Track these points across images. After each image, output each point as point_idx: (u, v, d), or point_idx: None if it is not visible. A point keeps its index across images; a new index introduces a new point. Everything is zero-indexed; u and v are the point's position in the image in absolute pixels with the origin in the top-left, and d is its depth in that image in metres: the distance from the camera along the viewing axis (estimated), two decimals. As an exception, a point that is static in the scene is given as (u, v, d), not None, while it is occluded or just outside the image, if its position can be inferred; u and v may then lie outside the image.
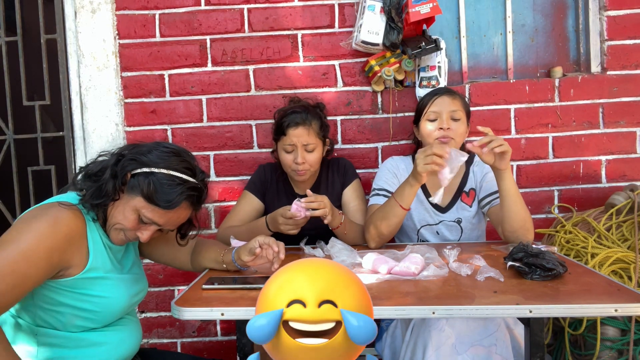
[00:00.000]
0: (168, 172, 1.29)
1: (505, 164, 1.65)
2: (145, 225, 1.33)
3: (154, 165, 1.29)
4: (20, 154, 2.40)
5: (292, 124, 1.89)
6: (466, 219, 1.95)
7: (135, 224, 1.31)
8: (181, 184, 1.30)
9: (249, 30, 2.37)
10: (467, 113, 1.94)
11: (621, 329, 1.87)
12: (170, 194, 1.28)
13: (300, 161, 1.90)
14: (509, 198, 1.69)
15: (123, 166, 1.29)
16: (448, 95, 1.90)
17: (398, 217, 1.77)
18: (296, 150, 1.91)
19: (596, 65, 2.37)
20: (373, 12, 2.22)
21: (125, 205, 1.30)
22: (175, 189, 1.29)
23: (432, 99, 1.91)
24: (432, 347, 1.52)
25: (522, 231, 1.71)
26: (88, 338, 1.31)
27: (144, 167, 1.29)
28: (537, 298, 1.24)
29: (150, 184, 1.27)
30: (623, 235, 2.05)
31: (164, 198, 1.28)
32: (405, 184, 1.75)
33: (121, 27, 2.36)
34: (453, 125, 1.86)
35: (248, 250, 1.49)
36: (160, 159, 1.30)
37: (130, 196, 1.29)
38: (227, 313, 1.23)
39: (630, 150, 2.35)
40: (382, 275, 1.47)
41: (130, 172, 1.29)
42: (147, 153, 1.31)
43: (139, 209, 1.29)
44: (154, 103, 2.38)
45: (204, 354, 2.46)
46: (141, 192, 1.28)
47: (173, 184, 1.29)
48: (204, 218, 2.42)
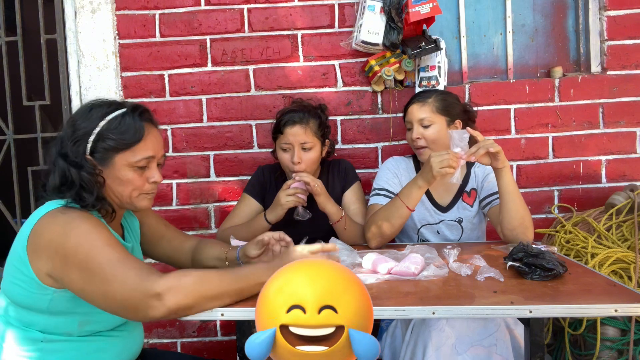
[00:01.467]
0: (106, 120, 1.26)
1: (501, 163, 1.68)
2: (148, 169, 1.31)
3: (93, 127, 1.25)
4: (20, 154, 2.40)
5: (289, 122, 1.90)
6: (467, 219, 1.95)
7: (139, 176, 1.29)
8: (124, 115, 1.27)
9: (249, 30, 2.37)
10: (446, 111, 1.89)
11: (621, 329, 1.87)
12: (129, 127, 1.26)
13: (297, 160, 1.90)
14: (507, 195, 1.70)
15: (76, 155, 1.24)
16: (417, 103, 1.91)
17: (403, 217, 1.78)
18: (293, 149, 1.91)
19: (596, 65, 2.37)
20: (373, 12, 2.22)
21: (116, 175, 1.27)
22: (127, 121, 1.26)
23: (406, 108, 1.95)
24: (432, 348, 1.52)
25: (520, 229, 1.71)
26: (94, 345, 1.29)
27: (89, 138, 1.25)
28: (537, 298, 1.24)
29: (110, 139, 1.24)
30: (623, 235, 2.05)
31: (130, 135, 1.25)
32: (413, 185, 1.76)
33: (121, 27, 2.36)
34: (425, 132, 1.87)
35: (256, 243, 1.50)
36: (89, 119, 1.26)
37: (110, 164, 1.27)
38: (227, 313, 1.23)
39: (630, 150, 2.35)
40: (382, 275, 1.47)
41: (86, 153, 1.25)
42: (77, 129, 1.26)
43: (128, 163, 1.27)
44: (154, 103, 2.38)
45: (204, 354, 2.46)
46: (113, 151, 1.25)
47: (121, 121, 1.26)
48: (203, 218, 2.42)
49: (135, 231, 1.51)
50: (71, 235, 1.17)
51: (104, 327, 1.30)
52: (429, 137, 1.87)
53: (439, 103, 1.89)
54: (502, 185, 1.71)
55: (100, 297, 1.16)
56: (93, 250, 1.16)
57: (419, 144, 1.89)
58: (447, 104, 1.90)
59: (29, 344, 1.24)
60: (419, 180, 1.74)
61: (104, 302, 1.17)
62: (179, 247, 1.62)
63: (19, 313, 1.24)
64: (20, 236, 1.23)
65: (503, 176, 1.70)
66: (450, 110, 1.90)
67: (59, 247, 1.16)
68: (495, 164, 1.69)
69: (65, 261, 1.16)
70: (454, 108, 1.91)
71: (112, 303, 1.16)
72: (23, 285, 1.21)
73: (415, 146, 1.91)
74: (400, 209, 1.77)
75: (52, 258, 1.17)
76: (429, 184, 1.73)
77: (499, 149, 1.66)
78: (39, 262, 1.18)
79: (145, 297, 1.13)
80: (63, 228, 1.18)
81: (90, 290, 1.16)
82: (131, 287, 1.14)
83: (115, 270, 1.15)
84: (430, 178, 1.70)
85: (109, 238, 1.20)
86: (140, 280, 1.14)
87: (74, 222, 1.19)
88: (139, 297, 1.14)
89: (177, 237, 1.64)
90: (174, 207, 2.42)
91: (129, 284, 1.14)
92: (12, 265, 1.24)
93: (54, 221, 1.20)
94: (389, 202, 1.83)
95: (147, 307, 1.14)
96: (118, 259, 1.16)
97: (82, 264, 1.15)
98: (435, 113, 1.87)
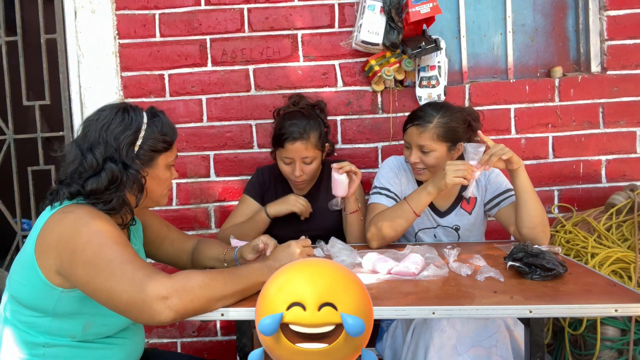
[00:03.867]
0: (147, 123, 1.31)
1: (515, 164, 1.67)
2: (172, 167, 1.40)
3: (138, 131, 1.29)
4: (20, 154, 2.40)
5: (290, 138, 1.86)
6: (464, 226, 1.93)
7: (170, 174, 1.39)
8: (160, 117, 1.34)
9: (249, 30, 2.37)
10: (448, 138, 1.80)
11: (621, 329, 1.87)
12: (168, 128, 1.34)
13: (298, 174, 1.91)
14: (525, 194, 1.69)
15: (128, 157, 1.26)
16: (417, 128, 1.79)
17: (409, 222, 1.77)
18: (294, 163, 1.91)
19: (596, 65, 2.37)
20: (373, 12, 2.22)
21: (157, 174, 1.33)
22: (165, 122, 1.34)
23: (406, 127, 1.86)
24: (434, 349, 1.52)
25: (541, 227, 1.69)
26: (96, 352, 1.28)
27: (137, 142, 1.28)
28: (537, 298, 1.24)
29: (156, 140, 1.30)
30: (623, 235, 2.05)
31: (170, 135, 1.34)
32: (423, 191, 1.74)
33: (121, 27, 2.36)
34: (424, 157, 1.82)
35: (251, 247, 1.50)
36: (129, 122, 1.29)
37: (154, 165, 1.32)
38: (227, 313, 1.23)
39: (630, 150, 2.35)
40: (382, 275, 1.47)
41: (134, 156, 1.27)
42: (120, 132, 1.27)
43: (166, 163, 1.35)
44: (154, 103, 2.37)
45: (204, 354, 2.46)
46: (158, 152, 1.32)
47: (161, 123, 1.33)
48: (203, 218, 2.42)
49: (139, 233, 1.51)
50: (82, 231, 1.17)
51: (107, 331, 1.29)
52: (428, 163, 1.82)
53: (440, 129, 1.77)
54: (519, 185, 1.69)
55: (105, 294, 1.16)
56: (103, 247, 1.16)
57: (418, 167, 1.85)
58: (449, 129, 1.78)
59: (31, 348, 1.23)
60: (430, 186, 1.72)
61: (109, 300, 1.16)
62: (181, 248, 1.62)
63: (23, 315, 1.24)
64: (30, 237, 1.23)
65: (519, 176, 1.69)
66: (452, 137, 1.80)
67: (68, 242, 1.16)
68: (510, 166, 1.68)
69: (73, 257, 1.16)
70: (457, 133, 1.80)
71: (118, 302, 1.15)
72: (30, 285, 1.20)
73: (414, 167, 1.88)
74: (407, 214, 1.75)
75: (60, 254, 1.17)
76: (439, 191, 1.71)
77: (511, 155, 1.64)
78: (48, 260, 1.18)
79: (151, 300, 1.13)
80: (73, 224, 1.18)
81: (96, 287, 1.16)
82: (138, 288, 1.13)
83: (124, 269, 1.15)
84: (442, 186, 1.68)
85: (119, 236, 1.20)
86: (148, 281, 1.14)
87: (85, 218, 1.19)
88: (145, 298, 1.13)
89: (179, 237, 1.64)
90: (174, 207, 2.42)
91: (136, 285, 1.14)
92: (20, 266, 1.24)
93: (65, 217, 1.20)
94: (395, 205, 1.81)
95: (153, 310, 1.13)
96: (128, 258, 1.16)
97: (90, 260, 1.15)
98: (436, 140, 1.78)
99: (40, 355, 1.23)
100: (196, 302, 1.17)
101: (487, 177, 1.92)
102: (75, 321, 1.24)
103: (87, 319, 1.24)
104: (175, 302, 1.14)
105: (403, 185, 1.96)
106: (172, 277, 1.17)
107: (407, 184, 1.97)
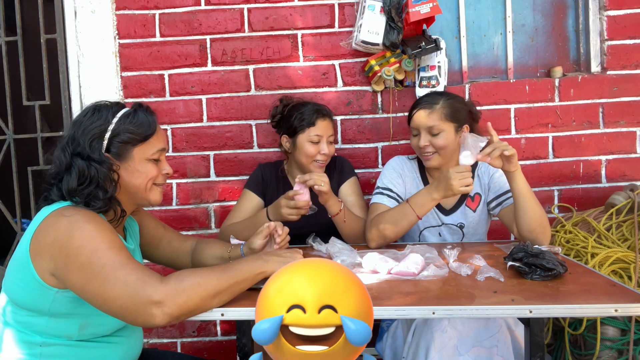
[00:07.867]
0: (119, 116, 1.30)
1: (514, 166, 1.66)
2: (160, 161, 1.37)
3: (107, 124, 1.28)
4: (20, 154, 2.40)
5: (320, 115, 1.98)
6: (469, 224, 1.94)
7: (155, 167, 1.35)
8: (135, 111, 1.33)
9: (249, 30, 2.37)
10: (455, 118, 1.84)
11: (621, 329, 1.87)
12: (143, 121, 1.32)
13: (327, 151, 1.97)
14: (522, 198, 1.68)
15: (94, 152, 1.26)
16: (425, 109, 1.84)
17: (410, 224, 1.77)
18: (322, 141, 1.97)
19: (596, 65, 2.37)
20: (373, 12, 2.22)
21: (134, 168, 1.31)
22: (140, 116, 1.32)
23: (412, 113, 1.90)
24: (435, 349, 1.52)
25: (540, 229, 1.69)
26: (93, 350, 1.28)
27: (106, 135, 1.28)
28: (537, 298, 1.24)
29: (127, 132, 1.28)
30: (623, 235, 2.05)
31: (145, 128, 1.31)
32: (427, 195, 1.74)
33: (121, 27, 2.36)
34: (433, 140, 1.83)
35: (259, 233, 1.52)
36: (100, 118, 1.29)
37: (128, 158, 1.30)
38: (227, 313, 1.23)
39: (630, 150, 2.35)
40: (382, 275, 1.47)
41: (103, 150, 1.27)
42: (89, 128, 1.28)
43: (145, 156, 1.32)
44: (154, 103, 2.38)
45: (204, 354, 2.46)
46: (132, 145, 1.30)
47: (134, 116, 1.32)
48: (203, 218, 2.42)
49: (136, 234, 1.51)
50: (75, 235, 1.17)
51: (104, 330, 1.29)
52: (438, 145, 1.82)
53: (447, 109, 1.82)
54: (516, 189, 1.68)
55: (100, 299, 1.16)
56: (96, 252, 1.16)
57: (427, 151, 1.85)
58: (455, 109, 1.84)
59: (27, 348, 1.23)
60: (435, 193, 1.72)
61: (104, 304, 1.16)
62: (179, 248, 1.62)
63: (19, 315, 1.24)
64: (25, 237, 1.23)
65: (517, 179, 1.68)
66: (458, 116, 1.84)
67: (62, 246, 1.16)
68: (508, 167, 1.66)
69: (67, 261, 1.16)
70: (462, 113, 1.86)
71: (112, 306, 1.16)
72: (25, 285, 1.20)
73: (423, 153, 1.87)
74: (410, 216, 1.75)
75: (54, 257, 1.17)
76: (445, 198, 1.72)
77: (514, 152, 1.63)
78: (42, 261, 1.18)
79: (145, 304, 1.13)
80: (67, 228, 1.18)
81: (90, 292, 1.16)
82: (131, 292, 1.13)
83: (117, 274, 1.15)
84: (450, 194, 1.69)
85: (112, 240, 1.20)
86: (141, 285, 1.14)
87: (79, 222, 1.19)
88: (138, 303, 1.13)
89: (176, 238, 1.64)
90: (174, 207, 2.42)
91: (130, 289, 1.14)
92: (15, 266, 1.24)
93: (59, 220, 1.20)
94: (398, 207, 1.80)
95: (147, 314, 1.14)
96: (120, 263, 1.16)
97: (84, 265, 1.15)
98: (444, 120, 1.82)
99: (37, 354, 1.23)
100: (190, 303, 1.17)
101: (491, 176, 1.92)
102: (71, 321, 1.24)
103: (83, 318, 1.24)
104: (169, 305, 1.14)
105: (407, 185, 1.96)
106: (165, 279, 1.17)
107: (411, 183, 1.97)
